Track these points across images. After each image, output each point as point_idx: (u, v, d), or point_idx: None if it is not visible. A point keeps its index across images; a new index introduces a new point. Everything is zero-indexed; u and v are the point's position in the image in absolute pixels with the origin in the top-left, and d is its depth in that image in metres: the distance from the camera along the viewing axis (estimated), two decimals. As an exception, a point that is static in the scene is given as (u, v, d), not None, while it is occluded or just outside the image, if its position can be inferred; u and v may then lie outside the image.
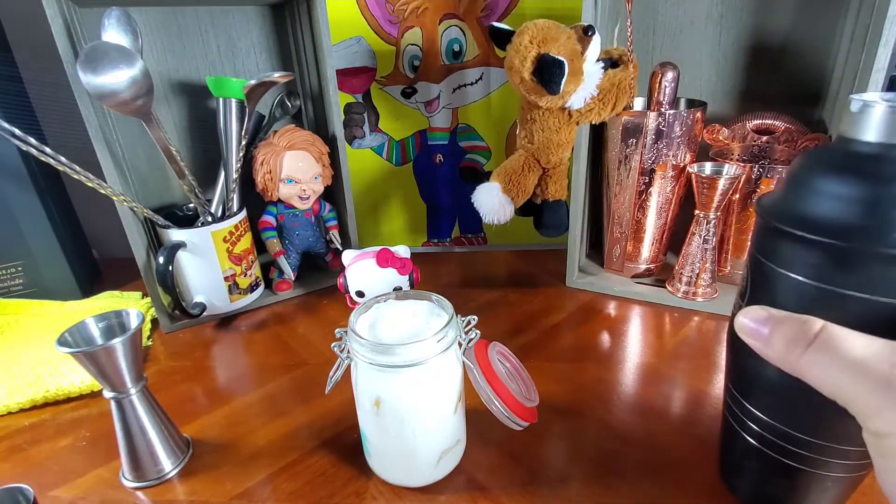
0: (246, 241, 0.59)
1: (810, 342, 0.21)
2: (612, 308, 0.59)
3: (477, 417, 0.39)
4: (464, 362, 0.35)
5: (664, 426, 0.40)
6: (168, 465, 0.38)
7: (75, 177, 0.47)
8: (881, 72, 0.45)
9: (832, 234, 0.23)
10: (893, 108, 0.23)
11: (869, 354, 0.20)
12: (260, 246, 0.63)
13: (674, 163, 0.55)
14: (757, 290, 0.28)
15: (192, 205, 0.62)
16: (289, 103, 0.66)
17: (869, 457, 0.22)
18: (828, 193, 0.24)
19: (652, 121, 0.53)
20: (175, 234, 0.54)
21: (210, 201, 0.60)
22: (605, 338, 0.53)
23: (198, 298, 0.57)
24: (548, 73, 0.46)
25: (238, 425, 0.43)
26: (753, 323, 0.24)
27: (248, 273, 0.60)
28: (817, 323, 0.22)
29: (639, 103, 0.60)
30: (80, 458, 0.40)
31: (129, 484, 0.37)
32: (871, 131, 0.24)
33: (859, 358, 0.20)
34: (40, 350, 0.52)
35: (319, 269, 0.70)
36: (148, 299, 0.61)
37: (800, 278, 0.25)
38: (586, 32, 0.48)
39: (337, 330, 0.35)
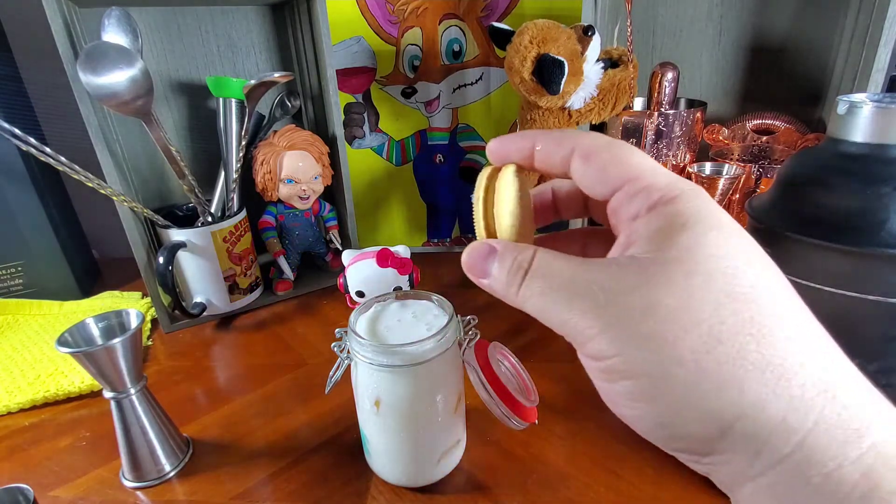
0: (246, 241, 0.59)
1: (525, 272, 0.19)
2: (612, 308, 0.59)
3: (477, 417, 0.40)
4: (464, 362, 0.35)
5: (664, 426, 0.40)
6: (168, 465, 0.38)
7: (75, 177, 0.47)
8: (881, 72, 0.45)
9: (821, 234, 0.24)
10: (880, 108, 0.23)
11: (578, 278, 0.18)
12: (260, 246, 0.63)
13: (674, 163, 0.55)
14: None
15: (192, 205, 0.62)
16: (289, 103, 0.65)
17: None
18: (817, 194, 0.25)
19: (652, 121, 0.54)
20: (175, 234, 0.54)
21: (210, 201, 0.60)
22: (605, 338, 0.53)
23: (198, 298, 0.57)
24: (548, 73, 0.46)
25: (238, 425, 0.43)
26: (476, 260, 0.21)
27: (248, 273, 0.60)
28: (529, 250, 0.20)
29: (639, 103, 0.60)
30: (80, 458, 0.40)
31: (129, 484, 0.37)
32: (858, 132, 0.24)
33: (568, 282, 0.18)
34: (40, 350, 0.52)
35: (319, 269, 0.70)
36: (148, 299, 0.61)
37: (791, 278, 0.25)
38: (586, 32, 0.48)
39: (337, 330, 0.35)
